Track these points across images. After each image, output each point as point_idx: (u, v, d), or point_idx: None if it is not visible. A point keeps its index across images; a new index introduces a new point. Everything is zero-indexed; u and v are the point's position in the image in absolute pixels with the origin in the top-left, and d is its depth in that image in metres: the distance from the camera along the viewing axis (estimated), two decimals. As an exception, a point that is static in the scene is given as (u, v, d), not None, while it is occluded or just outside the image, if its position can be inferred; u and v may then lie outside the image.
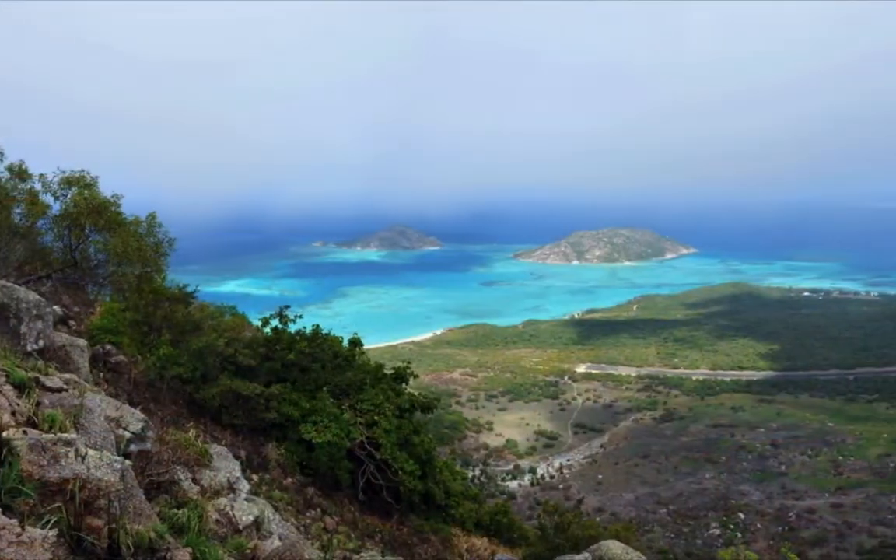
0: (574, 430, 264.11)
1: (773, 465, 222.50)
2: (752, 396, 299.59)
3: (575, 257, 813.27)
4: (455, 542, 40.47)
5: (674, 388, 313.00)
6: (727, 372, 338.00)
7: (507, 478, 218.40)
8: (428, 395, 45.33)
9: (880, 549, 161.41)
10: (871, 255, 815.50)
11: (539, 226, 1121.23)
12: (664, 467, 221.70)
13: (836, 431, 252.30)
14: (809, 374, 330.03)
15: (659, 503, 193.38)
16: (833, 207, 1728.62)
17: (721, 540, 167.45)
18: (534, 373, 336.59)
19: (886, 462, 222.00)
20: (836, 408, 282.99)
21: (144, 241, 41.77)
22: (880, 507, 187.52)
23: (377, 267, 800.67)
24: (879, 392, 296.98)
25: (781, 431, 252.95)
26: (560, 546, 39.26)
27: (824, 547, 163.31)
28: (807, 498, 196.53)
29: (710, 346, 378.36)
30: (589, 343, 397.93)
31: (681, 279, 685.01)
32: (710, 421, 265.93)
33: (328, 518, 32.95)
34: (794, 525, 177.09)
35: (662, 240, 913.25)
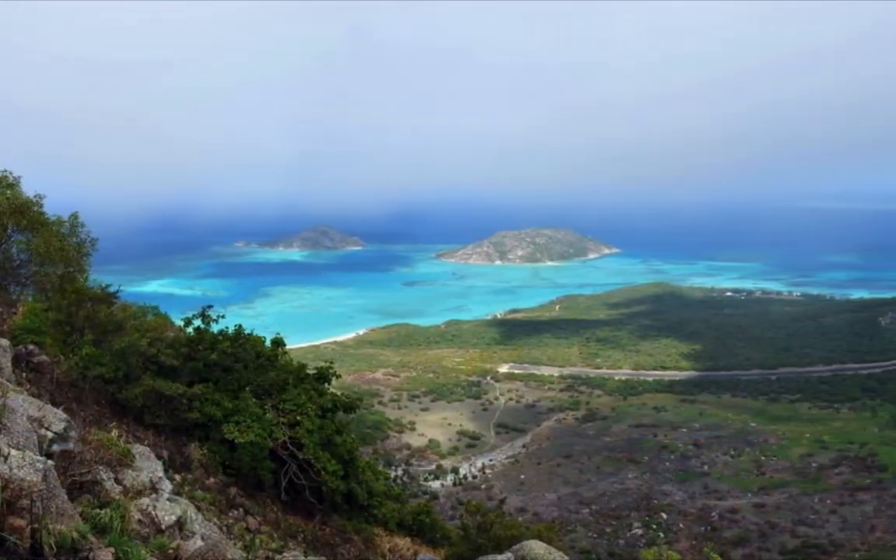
0: (496, 430, 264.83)
1: (696, 465, 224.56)
2: (675, 396, 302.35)
3: (497, 257, 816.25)
4: (378, 542, 40.66)
5: (596, 388, 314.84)
6: (650, 372, 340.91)
7: (430, 478, 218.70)
8: (350, 395, 45.49)
9: (802, 549, 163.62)
10: (793, 255, 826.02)
11: (462, 226, 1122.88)
12: (587, 467, 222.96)
13: (758, 431, 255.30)
14: (732, 374, 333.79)
15: (581, 503, 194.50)
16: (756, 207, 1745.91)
17: (644, 540, 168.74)
18: (456, 373, 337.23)
19: (809, 462, 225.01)
20: (758, 408, 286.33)
21: (67, 241, 41.64)
22: (802, 507, 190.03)
23: (299, 267, 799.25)
24: (801, 392, 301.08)
25: (704, 431, 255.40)
26: (482, 546, 39.56)
27: (747, 547, 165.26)
28: (729, 498, 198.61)
29: (632, 346, 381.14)
30: (511, 343, 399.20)
31: (603, 279, 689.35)
32: (633, 421, 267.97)
33: (251, 518, 33.01)
34: (717, 525, 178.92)
35: (585, 240, 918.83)
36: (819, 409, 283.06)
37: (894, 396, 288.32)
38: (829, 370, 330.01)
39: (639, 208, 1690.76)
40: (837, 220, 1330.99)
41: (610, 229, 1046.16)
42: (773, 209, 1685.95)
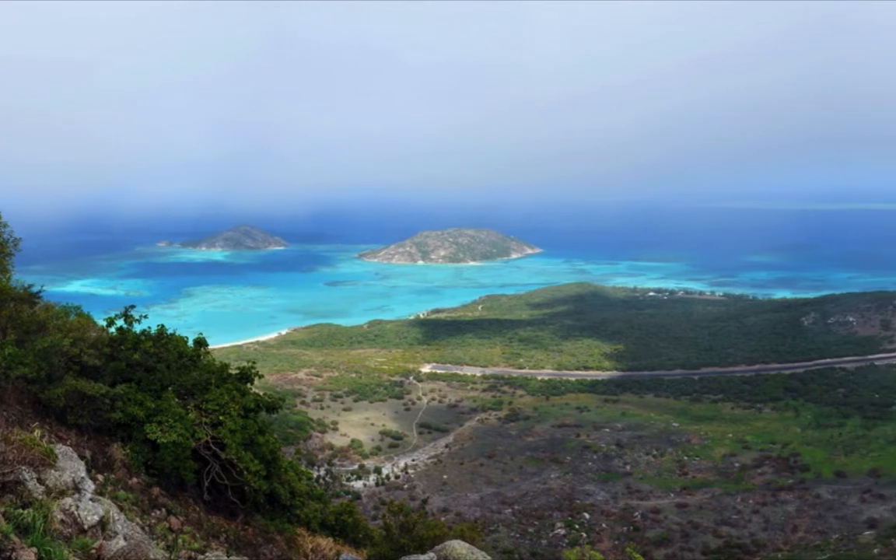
0: (419, 430, 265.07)
1: (618, 465, 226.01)
2: (597, 396, 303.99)
3: (420, 257, 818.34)
4: (300, 541, 40.81)
5: (519, 388, 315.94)
6: (572, 372, 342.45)
7: (352, 478, 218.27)
8: (273, 395, 45.56)
9: (725, 549, 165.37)
10: (715, 256, 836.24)
11: (385, 226, 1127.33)
12: (509, 467, 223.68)
13: (680, 431, 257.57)
14: (654, 373, 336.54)
15: (504, 503, 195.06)
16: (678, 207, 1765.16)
17: (566, 540, 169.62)
18: (379, 373, 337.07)
19: (731, 462, 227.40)
20: (681, 408, 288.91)
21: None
22: (725, 507, 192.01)
23: (222, 267, 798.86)
24: (724, 392, 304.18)
25: (626, 431, 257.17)
26: (405, 546, 39.92)
27: (669, 547, 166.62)
28: (652, 498, 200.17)
29: (555, 346, 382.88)
30: (434, 343, 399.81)
31: (526, 279, 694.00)
32: (555, 421, 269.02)
33: (173, 518, 33.07)
34: (639, 525, 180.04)
35: (507, 240, 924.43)
36: (742, 409, 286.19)
37: (817, 396, 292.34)
38: (752, 370, 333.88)
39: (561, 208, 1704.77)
40: (759, 221, 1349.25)
41: (532, 229, 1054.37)
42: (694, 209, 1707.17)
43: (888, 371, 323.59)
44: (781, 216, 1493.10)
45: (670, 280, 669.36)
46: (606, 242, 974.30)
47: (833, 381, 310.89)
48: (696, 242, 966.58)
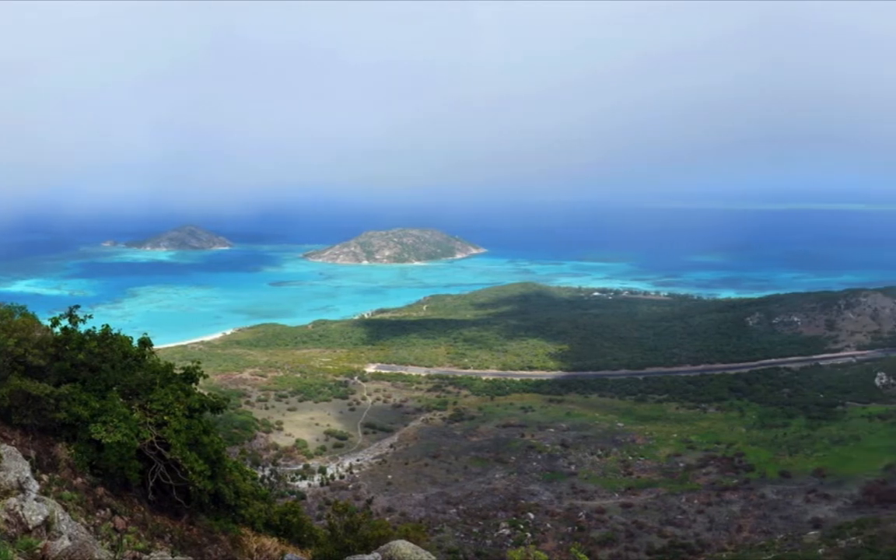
0: (364, 430, 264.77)
1: (563, 465, 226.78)
2: (542, 396, 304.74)
3: (365, 257, 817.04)
4: (245, 541, 40.91)
5: (463, 388, 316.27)
6: (517, 372, 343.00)
7: (297, 478, 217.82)
8: (218, 395, 45.56)
9: (670, 549, 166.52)
10: (660, 255, 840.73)
11: (329, 226, 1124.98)
12: (454, 467, 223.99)
13: (625, 431, 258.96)
14: (599, 373, 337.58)
15: (449, 503, 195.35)
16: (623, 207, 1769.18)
17: (511, 540, 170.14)
18: (324, 373, 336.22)
19: (676, 462, 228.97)
20: (625, 408, 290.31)
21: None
22: (670, 507, 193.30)
23: (167, 267, 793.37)
24: (669, 392, 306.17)
25: (571, 431, 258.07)
26: (350, 546, 40.09)
27: (614, 547, 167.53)
28: (596, 498, 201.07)
29: (499, 346, 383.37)
30: (379, 343, 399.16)
31: (470, 279, 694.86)
32: (500, 421, 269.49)
33: (118, 518, 33.10)
34: (584, 525, 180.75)
35: (452, 240, 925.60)
36: (686, 409, 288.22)
37: (762, 396, 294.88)
38: (697, 370, 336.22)
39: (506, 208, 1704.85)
40: (703, 220, 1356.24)
41: (477, 229, 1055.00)
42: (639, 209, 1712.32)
43: (833, 371, 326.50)
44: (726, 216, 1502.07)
45: (615, 280, 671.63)
46: (551, 242, 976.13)
47: (778, 381, 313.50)
48: (641, 242, 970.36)
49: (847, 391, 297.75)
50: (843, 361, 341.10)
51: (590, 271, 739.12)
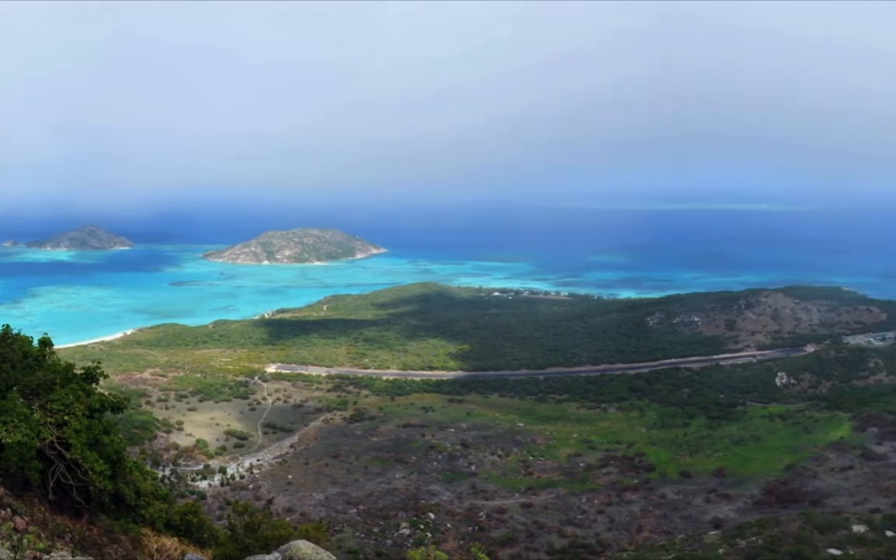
0: (264, 430, 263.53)
1: (464, 465, 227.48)
2: (443, 396, 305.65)
3: (265, 257, 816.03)
4: (145, 541, 40.61)
5: (364, 388, 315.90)
6: (417, 372, 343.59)
7: (198, 478, 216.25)
8: (118, 394, 45.12)
9: (570, 549, 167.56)
10: (560, 256, 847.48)
11: (230, 226, 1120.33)
12: (354, 467, 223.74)
13: (526, 431, 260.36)
14: (500, 373, 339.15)
15: (349, 503, 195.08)
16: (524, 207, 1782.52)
17: (411, 540, 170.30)
18: (224, 373, 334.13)
19: (576, 462, 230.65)
20: (526, 408, 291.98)
21: None
22: (570, 507, 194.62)
23: (67, 267, 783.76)
24: (569, 392, 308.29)
25: (472, 431, 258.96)
26: (250, 546, 40.03)
27: (514, 547, 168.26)
28: (497, 498, 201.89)
29: (400, 346, 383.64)
30: (279, 343, 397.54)
31: (371, 279, 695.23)
32: (401, 421, 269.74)
33: (18, 518, 32.73)
34: (485, 525, 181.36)
35: (353, 240, 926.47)
36: (587, 409, 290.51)
37: (662, 396, 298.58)
38: (597, 370, 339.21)
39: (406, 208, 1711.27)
40: (604, 221, 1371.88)
41: (378, 229, 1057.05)
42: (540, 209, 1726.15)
43: (733, 371, 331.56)
44: (627, 216, 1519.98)
45: (515, 280, 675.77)
46: (452, 242, 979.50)
47: (678, 381, 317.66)
48: (542, 242, 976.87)
49: (747, 391, 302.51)
50: (743, 361, 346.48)
51: (490, 271, 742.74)
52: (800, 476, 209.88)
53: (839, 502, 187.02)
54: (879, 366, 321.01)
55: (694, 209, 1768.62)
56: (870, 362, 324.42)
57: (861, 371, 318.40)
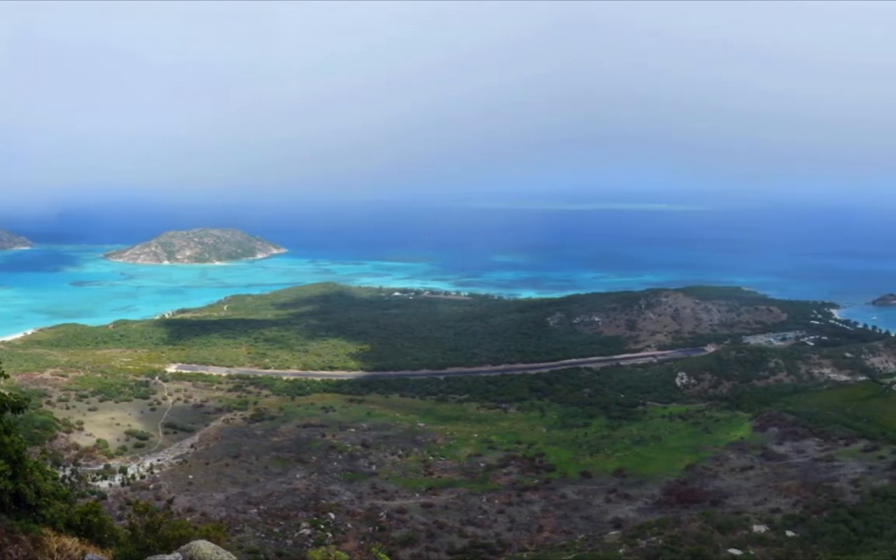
0: (165, 430, 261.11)
1: (364, 465, 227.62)
2: (343, 396, 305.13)
3: (166, 257, 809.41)
4: (46, 542, 40.23)
5: (264, 388, 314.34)
6: (318, 372, 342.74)
7: (98, 478, 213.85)
8: (18, 394, 44.69)
9: (471, 549, 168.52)
10: (461, 256, 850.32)
11: (130, 226, 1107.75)
12: (255, 467, 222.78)
13: (426, 431, 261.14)
14: (400, 373, 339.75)
15: (249, 503, 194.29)
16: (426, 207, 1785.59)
17: (311, 540, 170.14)
18: (125, 373, 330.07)
19: (476, 462, 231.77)
20: (426, 408, 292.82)
21: None
22: (470, 506, 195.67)
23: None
24: (469, 392, 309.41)
25: (372, 431, 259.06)
26: (151, 546, 39.83)
27: (415, 547, 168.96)
28: (397, 498, 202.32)
29: (300, 346, 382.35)
30: (180, 343, 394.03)
31: (272, 279, 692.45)
32: (301, 421, 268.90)
33: (-84, 517, 32.40)
34: (385, 525, 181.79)
35: (253, 240, 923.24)
36: (487, 409, 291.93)
37: (562, 396, 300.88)
38: (498, 370, 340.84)
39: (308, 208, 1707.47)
40: (506, 220, 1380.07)
41: (278, 229, 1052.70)
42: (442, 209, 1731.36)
43: (633, 371, 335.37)
44: (528, 216, 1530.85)
45: (416, 280, 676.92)
46: (352, 242, 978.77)
47: (579, 381, 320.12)
48: (443, 242, 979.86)
49: (648, 391, 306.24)
50: (643, 361, 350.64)
51: (391, 271, 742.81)
52: (700, 476, 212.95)
53: (739, 502, 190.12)
54: (780, 366, 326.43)
55: (595, 209, 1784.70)
56: (770, 362, 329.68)
57: (761, 371, 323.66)
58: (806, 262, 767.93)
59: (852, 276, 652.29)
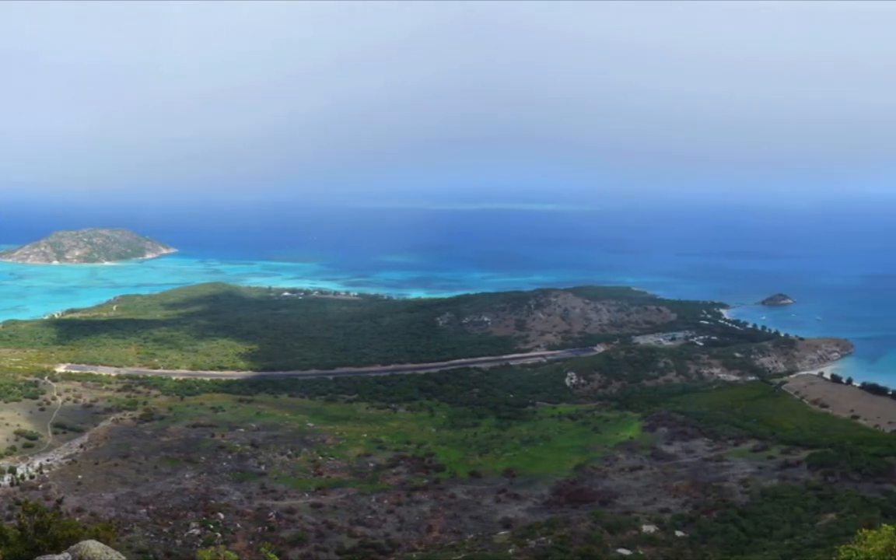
0: (54, 430, 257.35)
1: (253, 465, 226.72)
2: (233, 396, 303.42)
3: (55, 257, 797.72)
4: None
5: (154, 388, 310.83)
6: (207, 372, 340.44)
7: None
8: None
9: (360, 549, 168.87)
10: (350, 256, 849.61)
11: (20, 226, 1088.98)
12: (144, 467, 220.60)
13: (316, 431, 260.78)
14: (289, 373, 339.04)
15: (139, 503, 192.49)
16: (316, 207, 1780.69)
17: (201, 540, 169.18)
18: (13, 373, 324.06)
19: (366, 462, 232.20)
20: (315, 408, 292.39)
21: None
22: (360, 506, 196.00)
23: None
24: (359, 392, 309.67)
25: (262, 431, 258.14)
26: (40, 546, 39.83)
27: (304, 547, 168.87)
28: (287, 498, 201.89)
29: (190, 346, 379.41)
30: (69, 343, 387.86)
31: (161, 279, 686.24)
32: (191, 421, 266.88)
33: None
34: (274, 525, 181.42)
35: (143, 240, 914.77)
36: (377, 409, 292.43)
37: (451, 396, 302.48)
38: (387, 370, 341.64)
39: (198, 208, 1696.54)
40: (396, 220, 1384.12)
41: (168, 229, 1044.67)
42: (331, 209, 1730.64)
43: (523, 371, 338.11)
44: (418, 216, 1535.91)
45: (305, 280, 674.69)
46: (242, 242, 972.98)
47: (468, 381, 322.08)
48: (332, 242, 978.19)
49: (537, 391, 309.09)
50: (533, 361, 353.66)
51: (280, 271, 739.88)
52: (590, 476, 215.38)
53: (629, 502, 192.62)
54: (669, 366, 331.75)
55: (485, 209, 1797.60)
56: (660, 362, 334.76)
57: (651, 371, 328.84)
58: (696, 261, 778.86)
59: (742, 276, 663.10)
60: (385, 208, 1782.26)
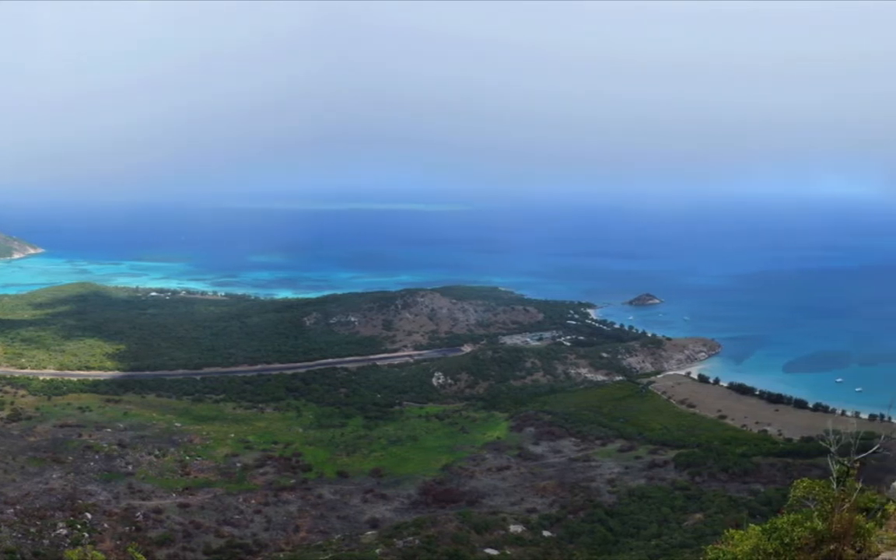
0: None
1: (121, 465, 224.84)
2: (100, 396, 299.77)
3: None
4: None
5: (21, 388, 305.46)
6: (75, 372, 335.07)
7: None
8: None
9: (227, 549, 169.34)
10: (217, 256, 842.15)
11: None
12: (11, 467, 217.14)
13: (183, 431, 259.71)
14: (157, 373, 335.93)
15: (6, 503, 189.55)
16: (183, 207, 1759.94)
17: (68, 540, 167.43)
18: None
19: (233, 462, 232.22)
20: (183, 408, 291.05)
21: None
22: (227, 506, 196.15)
23: None
24: (226, 392, 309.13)
25: (129, 431, 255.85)
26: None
27: (171, 547, 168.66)
28: (154, 498, 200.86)
29: (57, 346, 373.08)
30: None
31: (28, 279, 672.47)
32: (58, 421, 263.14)
33: None
34: (142, 525, 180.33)
35: (10, 240, 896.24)
36: (244, 409, 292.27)
37: (319, 396, 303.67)
38: (254, 370, 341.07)
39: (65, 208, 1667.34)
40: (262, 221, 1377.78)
41: (35, 229, 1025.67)
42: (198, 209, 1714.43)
43: (390, 371, 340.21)
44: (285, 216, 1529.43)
45: (173, 280, 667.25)
46: (109, 243, 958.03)
47: (335, 381, 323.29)
48: (199, 242, 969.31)
49: (405, 391, 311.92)
50: (400, 361, 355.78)
51: (148, 271, 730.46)
52: (457, 476, 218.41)
53: (496, 502, 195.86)
54: (536, 366, 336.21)
55: (352, 209, 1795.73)
56: (527, 362, 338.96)
57: (518, 371, 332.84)
58: (564, 262, 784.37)
59: (610, 276, 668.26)
60: (251, 208, 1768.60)
